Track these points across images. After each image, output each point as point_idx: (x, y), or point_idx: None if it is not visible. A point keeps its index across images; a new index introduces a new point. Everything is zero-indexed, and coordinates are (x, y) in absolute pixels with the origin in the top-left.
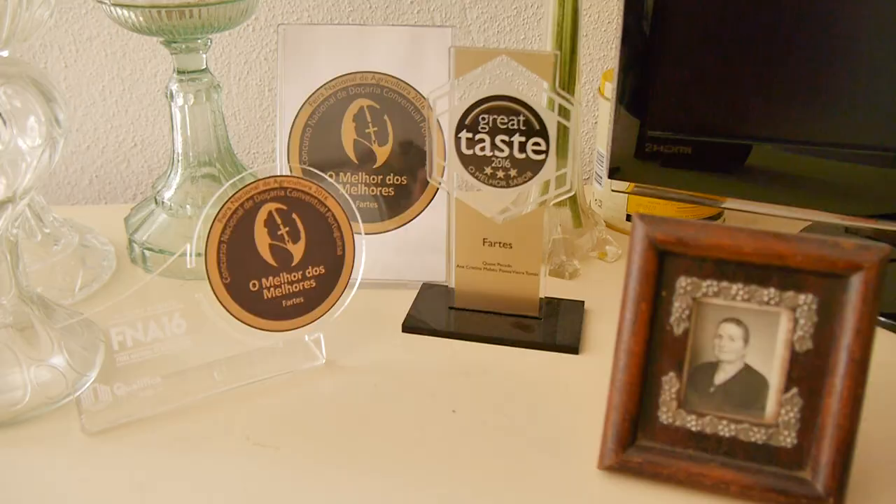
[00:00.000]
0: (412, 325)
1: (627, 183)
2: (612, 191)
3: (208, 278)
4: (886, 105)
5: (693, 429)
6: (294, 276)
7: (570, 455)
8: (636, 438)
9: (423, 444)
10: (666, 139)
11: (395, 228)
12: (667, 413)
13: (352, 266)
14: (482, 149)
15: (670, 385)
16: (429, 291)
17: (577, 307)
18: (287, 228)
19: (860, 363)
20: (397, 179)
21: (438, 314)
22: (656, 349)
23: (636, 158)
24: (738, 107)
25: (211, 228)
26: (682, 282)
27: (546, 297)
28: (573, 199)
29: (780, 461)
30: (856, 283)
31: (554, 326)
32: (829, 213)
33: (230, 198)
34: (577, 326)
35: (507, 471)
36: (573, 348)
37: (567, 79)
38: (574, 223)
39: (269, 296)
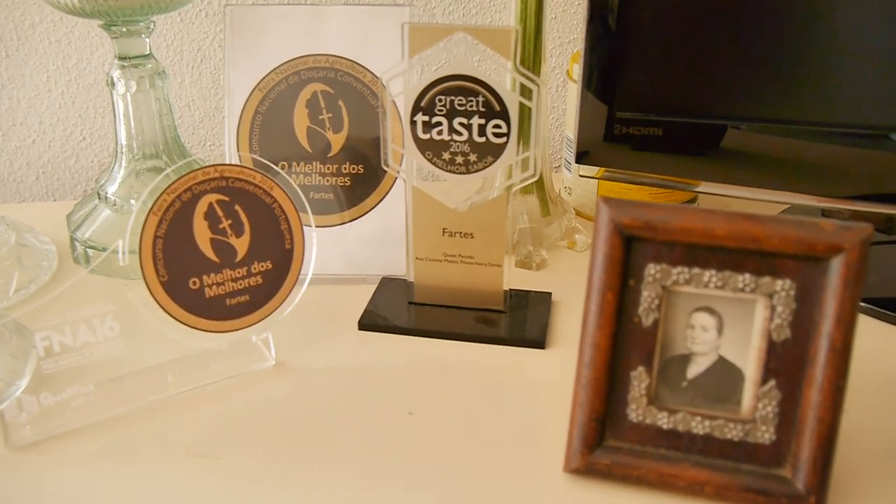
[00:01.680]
0: (369, 322)
1: (597, 168)
2: (581, 176)
3: (143, 276)
4: (866, 82)
5: (665, 426)
6: (238, 273)
7: (536, 457)
8: (604, 438)
9: (378, 449)
10: (635, 120)
11: (353, 220)
12: (636, 410)
13: (301, 261)
14: (439, 133)
15: (639, 380)
16: (389, 286)
17: (544, 299)
18: (229, 221)
19: (842, 352)
20: (354, 168)
21: (398, 310)
22: (624, 342)
23: (605, 142)
24: (710, 86)
25: (145, 222)
26: (651, 269)
27: (511, 290)
28: (540, 187)
29: (757, 459)
30: (836, 267)
31: (520, 320)
32: (807, 195)
33: (166, 189)
34: (544, 319)
35: (467, 476)
36: (539, 343)
37: (532, 59)
38: (542, 211)
39: (212, 294)
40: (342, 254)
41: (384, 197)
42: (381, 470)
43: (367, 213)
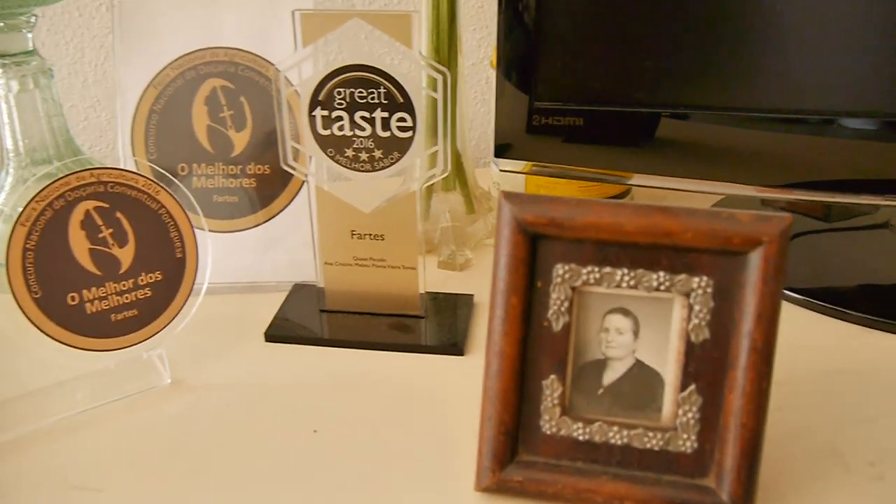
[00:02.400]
0: (276, 333)
1: (525, 163)
2: (501, 171)
3: (12, 292)
4: (800, 66)
5: (580, 438)
6: (123, 286)
7: (447, 476)
8: (516, 453)
9: (278, 472)
10: (554, 110)
11: (261, 224)
12: (549, 422)
13: (195, 270)
14: (340, 128)
15: (552, 389)
16: (299, 293)
17: (465, 302)
18: (111, 230)
19: (763, 352)
20: (259, 168)
21: (308, 318)
22: (533, 349)
23: (527, 134)
24: (631, 72)
25: (12, 234)
26: (559, 269)
27: (430, 293)
28: (464, 183)
29: (680, 469)
30: (755, 261)
31: (438, 325)
32: (743, 184)
33: (34, 197)
34: (465, 324)
35: (372, 497)
36: (458, 349)
37: (448, 47)
38: (466, 209)
39: (94, 310)
40: (250, 260)
41: (293, 198)
42: (281, 494)
43: (275, 215)
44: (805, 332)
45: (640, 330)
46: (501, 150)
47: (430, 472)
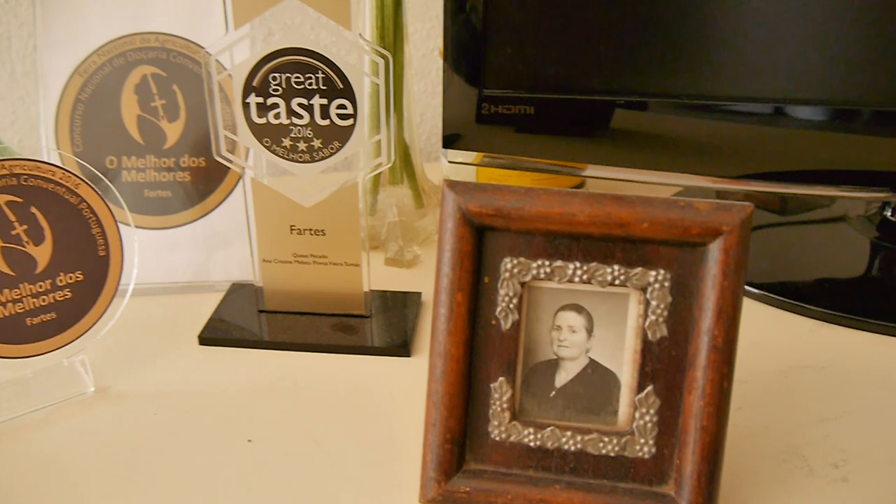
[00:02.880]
0: (211, 336)
1: (475, 154)
2: (450, 162)
3: None
4: (755, 53)
5: (532, 444)
6: (40, 287)
7: (391, 487)
8: (463, 462)
9: (208, 485)
10: (504, 98)
11: (197, 220)
12: (499, 427)
13: (121, 269)
14: (276, 116)
15: (501, 392)
16: (238, 294)
17: (413, 300)
18: (25, 227)
19: (724, 351)
20: (194, 161)
21: (246, 320)
22: (481, 349)
23: (477, 124)
24: (584, 58)
25: None
26: (508, 263)
27: (376, 291)
28: (412, 177)
29: (637, 476)
30: (714, 253)
31: (384, 325)
32: (699, 175)
33: None
34: (412, 324)
35: None
36: (404, 350)
37: (394, 33)
38: (414, 203)
39: (6, 313)
40: (185, 259)
41: (231, 192)
42: None
43: (211, 211)
44: (764, 328)
45: (595, 328)
46: (450, 141)
47: (372, 483)
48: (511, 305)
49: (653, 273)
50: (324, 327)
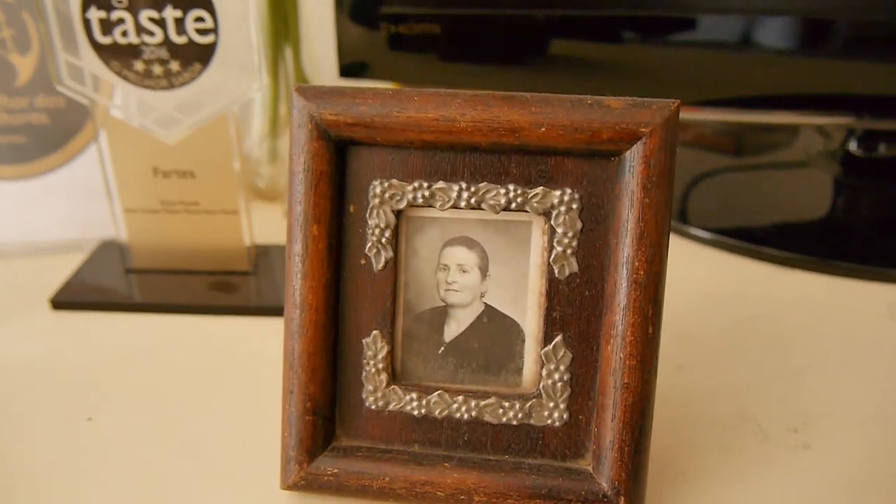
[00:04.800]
0: (66, 300)
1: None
2: None
3: None
4: None
5: (415, 413)
6: None
7: (254, 470)
8: (332, 438)
9: (36, 471)
10: (404, 16)
11: (56, 168)
12: (374, 394)
13: None
14: (124, 34)
15: (375, 350)
16: (106, 252)
17: None
18: None
19: (647, 286)
20: (52, 100)
21: (111, 281)
22: (348, 297)
23: (377, 49)
24: None
25: None
26: (377, 187)
27: (262, 246)
28: None
29: (546, 448)
30: (632, 163)
31: (269, 282)
32: None
33: None
34: None
35: (158, 500)
36: None
37: None
38: None
39: None
40: (44, 213)
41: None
42: (34, 498)
43: (73, 157)
44: (713, 276)
45: (490, 266)
46: (351, 70)
47: (233, 466)
48: (383, 240)
49: (557, 193)
50: (199, 286)
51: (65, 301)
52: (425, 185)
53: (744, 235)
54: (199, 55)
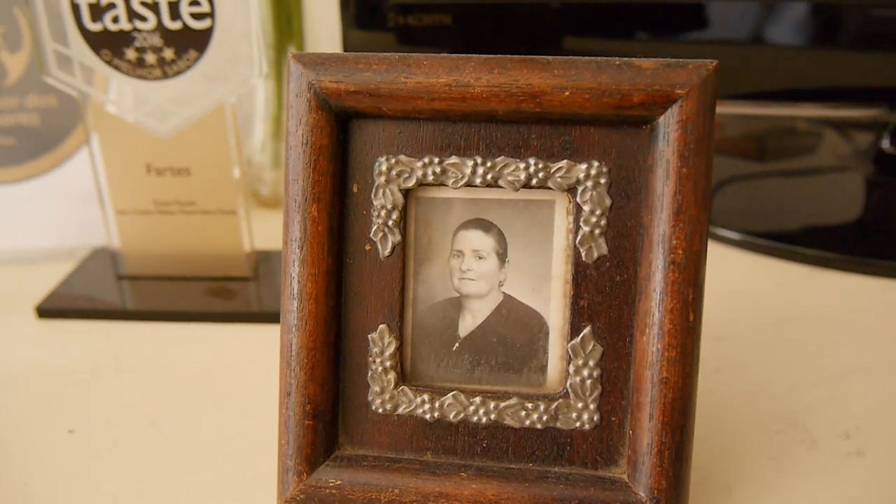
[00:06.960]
0: (53, 308)
1: None
2: None
3: None
4: None
5: (428, 417)
6: None
7: (253, 483)
8: (334, 446)
9: (15, 487)
10: (414, 6)
11: (45, 172)
12: (382, 395)
13: None
14: (115, 20)
15: (382, 346)
16: (99, 258)
17: None
18: None
19: (687, 268)
20: (43, 100)
21: (102, 288)
22: (352, 286)
23: (384, 40)
24: None
25: None
26: (383, 164)
27: (263, 251)
28: None
29: (574, 455)
30: (667, 129)
31: (270, 288)
32: None
33: None
34: None
35: None
36: None
37: None
38: None
39: None
40: (35, 219)
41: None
42: None
43: (64, 161)
44: (746, 277)
45: (509, 251)
46: None
47: (230, 479)
48: (390, 223)
49: (583, 167)
50: (196, 292)
51: (51, 309)
52: (436, 160)
53: (775, 236)
54: (194, 42)
